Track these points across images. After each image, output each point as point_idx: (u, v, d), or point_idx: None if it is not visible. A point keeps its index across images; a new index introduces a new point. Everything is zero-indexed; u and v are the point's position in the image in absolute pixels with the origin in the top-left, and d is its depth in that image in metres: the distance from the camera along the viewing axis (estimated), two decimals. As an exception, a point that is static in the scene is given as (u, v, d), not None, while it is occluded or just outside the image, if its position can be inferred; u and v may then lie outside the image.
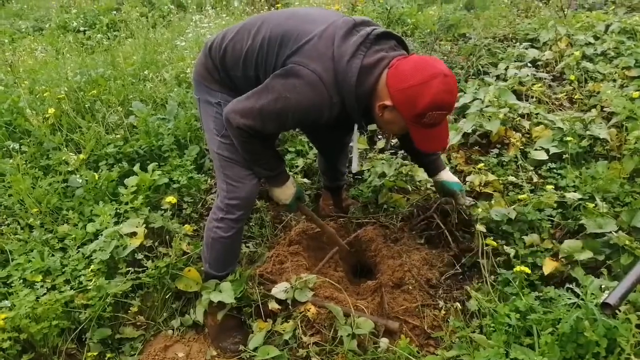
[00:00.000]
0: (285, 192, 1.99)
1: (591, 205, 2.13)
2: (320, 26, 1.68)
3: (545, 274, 1.96)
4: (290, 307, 1.94)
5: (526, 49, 3.86)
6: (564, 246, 1.99)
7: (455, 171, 2.65)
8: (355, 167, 2.00)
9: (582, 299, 1.57)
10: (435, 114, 1.59)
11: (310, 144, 2.98)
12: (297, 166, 2.85)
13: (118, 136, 2.92)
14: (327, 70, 1.62)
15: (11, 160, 2.67)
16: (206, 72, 1.89)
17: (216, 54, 1.84)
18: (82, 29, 5.57)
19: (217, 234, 1.94)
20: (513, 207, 2.22)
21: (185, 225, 2.34)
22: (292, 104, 1.65)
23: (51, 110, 2.99)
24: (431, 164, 2.18)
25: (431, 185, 2.53)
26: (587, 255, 1.93)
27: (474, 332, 1.76)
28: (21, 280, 2.00)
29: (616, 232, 1.97)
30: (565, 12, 4.46)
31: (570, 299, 1.63)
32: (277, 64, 1.71)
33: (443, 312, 1.93)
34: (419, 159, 2.24)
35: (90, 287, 1.94)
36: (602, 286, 1.67)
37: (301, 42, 1.66)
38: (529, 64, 3.65)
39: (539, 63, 3.72)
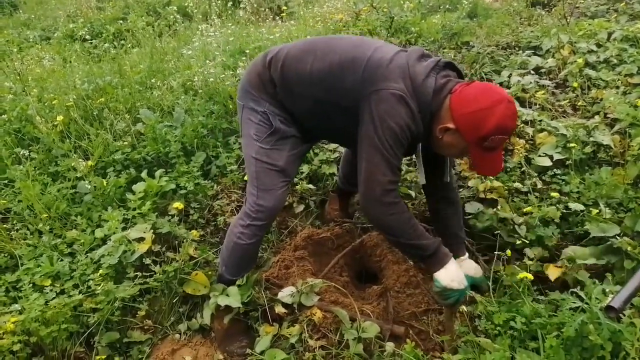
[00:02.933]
0: (453, 273, 1.77)
1: (595, 211, 2.14)
2: (389, 53, 1.74)
3: (552, 279, 1.97)
4: (296, 311, 1.97)
5: (529, 56, 3.89)
6: (568, 250, 2.01)
7: (459, 177, 2.67)
8: (422, 180, 1.93)
9: (587, 303, 1.59)
10: (497, 138, 1.63)
11: (316, 150, 3.01)
12: (302, 172, 2.88)
13: (126, 143, 2.95)
14: (407, 86, 1.67)
15: (21, 167, 2.70)
16: (260, 82, 1.91)
17: (276, 69, 1.86)
18: (88, 38, 5.62)
19: (240, 239, 1.95)
20: (523, 218, 2.24)
21: (192, 231, 2.36)
22: (395, 128, 1.66)
23: (60, 118, 3.03)
24: (453, 245, 1.95)
25: None
26: (591, 261, 1.94)
27: (478, 336, 1.78)
28: (31, 285, 2.03)
29: (620, 236, 1.99)
30: (567, 20, 4.49)
31: (574, 302, 1.64)
32: (347, 87, 1.74)
33: (444, 312, 1.94)
34: (443, 232, 2.03)
35: (98, 292, 1.97)
36: (607, 290, 1.68)
37: (374, 67, 1.70)
38: (532, 72, 3.67)
39: (542, 70, 3.74)
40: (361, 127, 1.73)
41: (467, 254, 2.03)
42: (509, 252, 2.01)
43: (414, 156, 2.00)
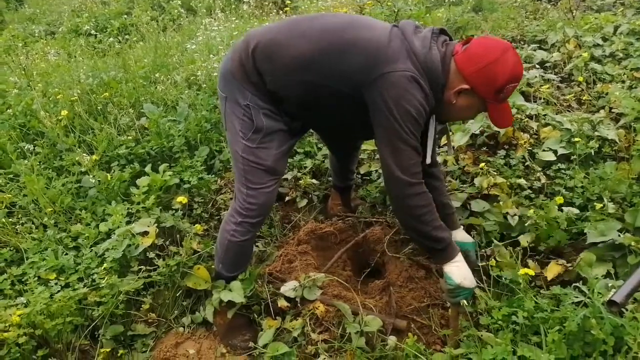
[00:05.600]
0: (464, 271, 1.78)
1: (599, 205, 2.13)
2: (382, 31, 1.70)
3: (549, 278, 1.97)
4: (299, 305, 1.97)
5: (534, 50, 3.87)
6: (581, 257, 1.99)
7: (463, 172, 2.66)
8: (428, 158, 1.86)
9: (589, 298, 1.59)
10: (511, 86, 1.65)
11: (319, 145, 3.01)
12: (305, 167, 2.88)
13: (130, 137, 2.96)
14: (414, 65, 1.64)
15: (25, 161, 2.72)
16: (243, 71, 1.80)
17: (264, 59, 1.77)
18: (93, 32, 5.63)
19: (234, 237, 1.93)
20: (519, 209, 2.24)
21: (196, 225, 2.37)
22: (412, 111, 1.64)
23: (64, 112, 3.04)
24: (447, 218, 1.97)
25: None
26: (602, 271, 1.92)
27: (480, 330, 1.78)
28: (36, 278, 2.04)
29: (621, 233, 1.97)
30: (573, 14, 4.46)
31: (577, 297, 1.64)
32: (345, 71, 1.69)
33: (450, 310, 1.94)
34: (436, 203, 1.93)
35: (103, 285, 1.98)
36: (609, 285, 1.68)
37: (374, 49, 1.66)
38: (537, 66, 3.66)
39: (547, 64, 3.72)
40: (374, 115, 1.70)
41: (460, 226, 2.10)
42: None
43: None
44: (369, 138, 2.28)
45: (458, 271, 1.77)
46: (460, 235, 2.06)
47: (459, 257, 1.80)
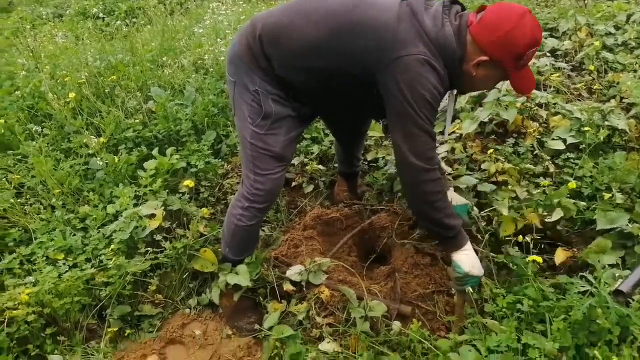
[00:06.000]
0: (473, 259, 1.79)
1: (608, 195, 2.12)
2: (391, 9, 1.65)
3: (557, 263, 1.96)
4: (304, 289, 1.98)
5: (545, 38, 3.81)
6: (593, 245, 1.98)
7: (471, 160, 2.65)
8: (447, 134, 1.91)
9: (596, 287, 1.58)
10: (531, 52, 1.61)
11: (326, 131, 3.00)
12: (312, 153, 2.88)
13: (137, 121, 2.97)
14: (427, 46, 1.60)
15: (34, 143, 2.73)
16: (251, 55, 1.77)
17: (271, 44, 1.74)
18: (101, 15, 5.62)
19: (241, 221, 1.93)
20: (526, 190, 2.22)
21: (203, 209, 2.37)
22: (426, 95, 1.61)
23: (72, 95, 3.05)
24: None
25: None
26: (610, 259, 1.89)
27: (485, 318, 1.78)
28: (44, 258, 2.07)
29: (630, 223, 1.96)
30: (585, 2, 4.39)
31: (583, 286, 1.64)
32: (356, 53, 1.66)
33: (456, 297, 1.94)
34: None
35: (110, 266, 2.00)
36: (616, 275, 1.67)
37: (384, 30, 1.62)
38: (548, 54, 3.61)
39: (558, 53, 3.67)
40: (388, 100, 1.67)
41: (451, 187, 2.12)
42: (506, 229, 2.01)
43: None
44: (380, 118, 2.23)
45: (467, 259, 1.77)
46: (450, 196, 2.04)
47: (468, 246, 1.80)
